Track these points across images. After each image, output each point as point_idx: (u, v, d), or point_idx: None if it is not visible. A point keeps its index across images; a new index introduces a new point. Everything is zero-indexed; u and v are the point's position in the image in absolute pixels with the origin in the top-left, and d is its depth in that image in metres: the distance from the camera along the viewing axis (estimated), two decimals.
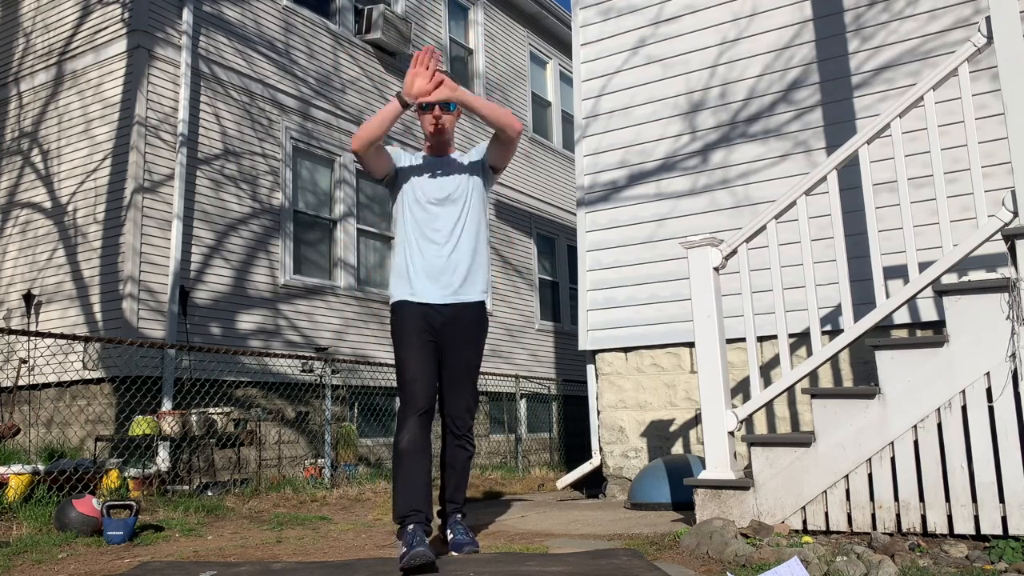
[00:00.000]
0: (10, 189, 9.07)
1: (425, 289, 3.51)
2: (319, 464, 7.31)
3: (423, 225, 3.54)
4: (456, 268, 3.53)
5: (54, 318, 8.26)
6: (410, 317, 3.50)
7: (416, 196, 3.57)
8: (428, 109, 3.54)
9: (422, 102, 3.51)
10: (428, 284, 3.51)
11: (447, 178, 3.60)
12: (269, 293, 8.88)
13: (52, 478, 5.16)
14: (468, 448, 3.65)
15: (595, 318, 6.38)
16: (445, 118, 3.56)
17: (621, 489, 6.14)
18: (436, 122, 3.55)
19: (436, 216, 3.54)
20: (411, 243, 3.55)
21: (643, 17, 6.48)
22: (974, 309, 3.37)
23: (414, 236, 3.54)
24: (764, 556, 3.08)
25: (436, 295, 3.51)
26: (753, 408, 3.91)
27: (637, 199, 6.33)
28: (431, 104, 3.52)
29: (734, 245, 3.99)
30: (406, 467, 3.32)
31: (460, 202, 3.58)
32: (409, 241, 3.56)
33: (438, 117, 3.54)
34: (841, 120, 5.60)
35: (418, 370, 3.43)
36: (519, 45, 13.80)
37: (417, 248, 3.53)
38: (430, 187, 3.57)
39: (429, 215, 3.54)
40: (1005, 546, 3.06)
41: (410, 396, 3.41)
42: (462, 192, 3.59)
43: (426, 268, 3.51)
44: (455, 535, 3.50)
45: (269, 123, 9.23)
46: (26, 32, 9.32)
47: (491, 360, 11.78)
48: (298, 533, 4.32)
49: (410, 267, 3.54)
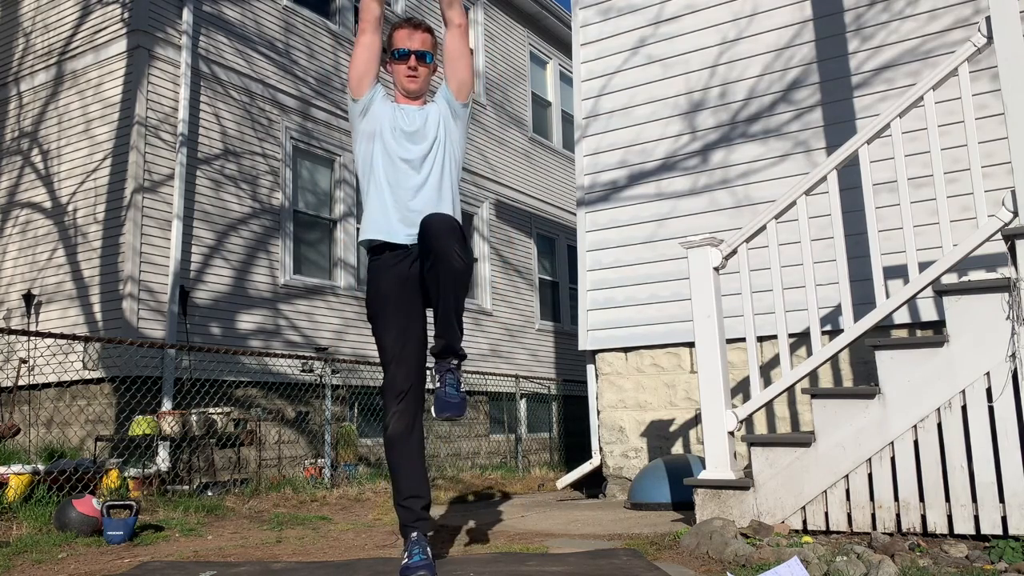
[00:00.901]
0: (10, 189, 9.07)
1: (395, 228, 3.23)
2: (319, 464, 7.31)
3: (394, 158, 3.29)
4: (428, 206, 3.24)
5: (54, 318, 8.26)
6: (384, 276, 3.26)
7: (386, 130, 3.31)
8: (403, 58, 3.30)
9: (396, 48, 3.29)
10: (399, 224, 3.23)
11: (418, 114, 3.34)
12: (269, 293, 8.88)
13: (52, 478, 5.16)
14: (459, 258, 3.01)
15: (595, 318, 6.38)
16: (421, 69, 3.31)
17: (621, 489, 6.14)
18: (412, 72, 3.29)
19: (407, 149, 3.28)
20: (380, 179, 3.29)
21: (643, 17, 6.48)
22: (974, 309, 3.37)
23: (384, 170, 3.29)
24: (764, 556, 3.08)
25: (407, 235, 3.23)
26: (753, 408, 3.91)
27: (637, 199, 6.32)
28: (407, 52, 3.29)
29: (734, 245, 3.99)
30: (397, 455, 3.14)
31: (431, 139, 3.31)
32: (379, 177, 3.30)
33: (414, 67, 3.30)
34: (841, 120, 5.60)
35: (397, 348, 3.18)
36: (519, 45, 13.80)
37: (386, 182, 3.27)
38: (401, 122, 3.31)
39: (399, 147, 3.29)
40: (1005, 546, 3.06)
41: (391, 377, 3.18)
42: (432, 128, 3.33)
43: (396, 203, 3.24)
44: (447, 386, 3.12)
45: (269, 123, 9.23)
46: (26, 32, 9.32)
47: (491, 360, 11.78)
48: (298, 533, 4.32)
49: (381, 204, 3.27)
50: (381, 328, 3.23)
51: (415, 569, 2.91)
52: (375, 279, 3.28)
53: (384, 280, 3.25)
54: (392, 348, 3.19)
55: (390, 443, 3.14)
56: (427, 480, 3.19)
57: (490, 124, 12.69)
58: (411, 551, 3.01)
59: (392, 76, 3.38)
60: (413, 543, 3.04)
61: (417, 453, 3.15)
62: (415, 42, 3.29)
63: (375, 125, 3.33)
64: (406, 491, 3.11)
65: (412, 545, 3.04)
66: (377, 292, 3.26)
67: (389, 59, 3.33)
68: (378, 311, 3.25)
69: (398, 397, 3.14)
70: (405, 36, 3.30)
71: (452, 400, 3.07)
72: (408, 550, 3.03)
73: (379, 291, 3.25)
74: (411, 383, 3.17)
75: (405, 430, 3.12)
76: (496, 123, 12.84)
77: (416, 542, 3.05)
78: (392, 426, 3.13)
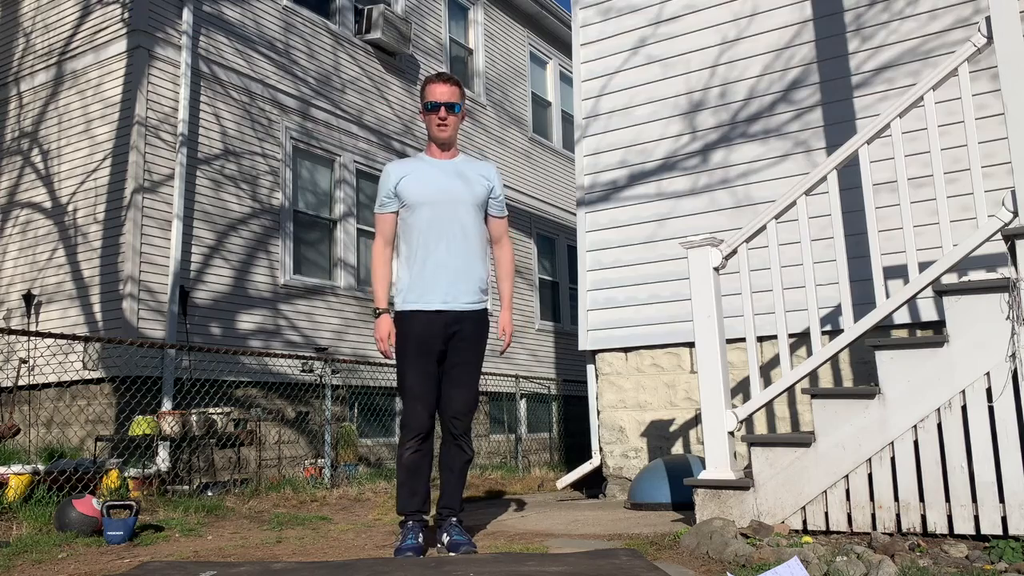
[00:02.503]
0: (10, 189, 9.07)
1: (429, 295, 3.53)
2: (319, 464, 7.31)
3: (425, 227, 3.54)
4: (458, 270, 3.55)
5: (54, 318, 8.26)
6: (414, 326, 3.53)
7: (419, 196, 3.56)
8: (434, 109, 3.57)
9: (428, 101, 3.57)
10: (433, 289, 3.53)
11: (452, 179, 3.60)
12: (269, 293, 8.88)
13: (52, 478, 5.16)
14: (466, 451, 3.65)
15: (595, 318, 6.38)
16: (450, 119, 3.58)
17: (621, 489, 6.14)
18: (441, 122, 3.58)
19: (439, 217, 3.54)
20: (415, 244, 3.56)
21: (643, 17, 6.48)
22: (974, 309, 3.37)
23: (417, 237, 3.56)
24: (764, 556, 3.08)
25: (439, 300, 3.53)
26: (753, 408, 3.91)
27: (637, 199, 6.32)
28: (437, 104, 3.56)
29: (734, 245, 3.99)
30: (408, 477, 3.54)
31: (464, 203, 3.58)
32: (413, 242, 3.57)
33: (444, 118, 3.57)
34: (841, 120, 5.60)
35: (419, 389, 3.51)
36: (519, 45, 13.80)
37: (421, 250, 3.54)
38: (433, 187, 3.56)
39: (432, 215, 3.54)
40: (1005, 546, 3.06)
41: (411, 418, 3.52)
42: (466, 194, 3.59)
43: (432, 269, 3.53)
44: (451, 536, 3.52)
45: (269, 123, 9.23)
46: (26, 32, 9.32)
47: (491, 360, 11.78)
48: (298, 533, 4.32)
49: (411, 270, 3.56)
50: (408, 365, 3.55)
51: (404, 550, 3.34)
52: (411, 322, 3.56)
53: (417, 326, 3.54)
54: (414, 386, 3.52)
55: (405, 468, 3.57)
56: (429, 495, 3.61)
57: (490, 124, 12.69)
58: (404, 535, 3.45)
59: (425, 125, 3.72)
60: (408, 529, 3.48)
61: (426, 475, 3.56)
62: (444, 95, 3.59)
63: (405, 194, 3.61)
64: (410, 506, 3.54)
65: (407, 531, 3.47)
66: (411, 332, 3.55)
67: (422, 111, 3.65)
68: (409, 348, 3.55)
69: (416, 437, 3.51)
70: (436, 90, 3.60)
71: (463, 543, 3.45)
72: (403, 534, 3.47)
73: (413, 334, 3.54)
74: (429, 427, 3.54)
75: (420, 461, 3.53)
76: (496, 123, 12.84)
77: (411, 528, 3.47)
78: (407, 458, 3.52)
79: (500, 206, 3.75)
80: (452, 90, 3.59)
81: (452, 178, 3.60)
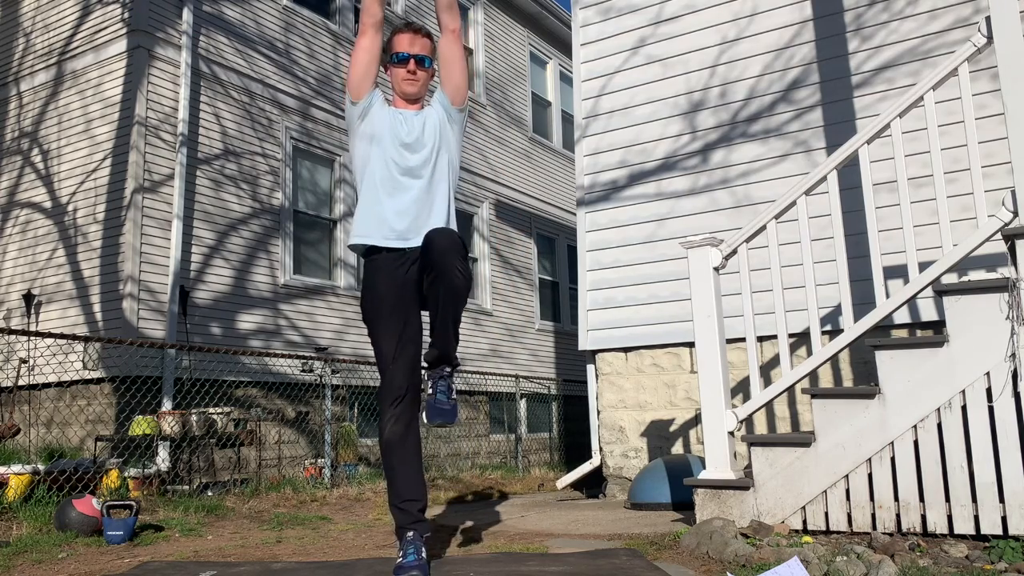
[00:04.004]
0: (10, 189, 9.07)
1: (390, 234, 3.23)
2: (319, 464, 7.31)
3: (391, 165, 3.27)
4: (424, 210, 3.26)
5: (54, 318, 8.26)
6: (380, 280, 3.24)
7: (386, 136, 3.29)
8: (402, 62, 3.31)
9: (396, 52, 3.30)
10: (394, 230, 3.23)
11: (415, 120, 3.33)
12: (269, 293, 8.88)
13: (52, 478, 5.16)
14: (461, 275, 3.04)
15: (595, 318, 6.38)
16: (420, 73, 3.32)
17: (621, 489, 6.14)
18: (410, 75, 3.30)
19: (405, 158, 3.28)
20: (377, 184, 3.28)
21: (643, 17, 6.48)
22: (974, 309, 3.37)
23: (381, 176, 3.28)
24: (764, 556, 3.08)
25: (404, 238, 3.23)
26: (753, 408, 3.91)
27: (637, 199, 6.32)
28: (406, 56, 3.29)
29: (734, 245, 3.99)
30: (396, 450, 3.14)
31: (429, 146, 3.31)
32: (375, 182, 3.28)
33: (413, 71, 3.31)
34: (841, 120, 5.60)
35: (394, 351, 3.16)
36: (519, 45, 13.80)
37: (384, 190, 3.26)
38: (400, 130, 3.30)
39: (399, 156, 3.27)
40: (1005, 546, 3.06)
41: (388, 380, 3.16)
42: (430, 136, 3.32)
43: (394, 211, 3.24)
44: (438, 393, 3.11)
45: (269, 123, 9.23)
46: (26, 32, 9.32)
47: (491, 360, 11.78)
48: (298, 533, 4.32)
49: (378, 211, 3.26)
50: (379, 331, 3.22)
51: (408, 569, 2.93)
52: (372, 281, 3.26)
53: (381, 283, 3.23)
54: (388, 352, 3.17)
55: (387, 447, 3.13)
56: (423, 482, 3.19)
57: (490, 124, 12.69)
58: (406, 550, 3.02)
59: (390, 79, 3.37)
60: (408, 543, 3.06)
61: (414, 456, 3.15)
62: (415, 46, 3.30)
63: (373, 129, 3.32)
64: (403, 494, 3.11)
65: (407, 545, 3.05)
66: (374, 294, 3.23)
67: (388, 62, 3.33)
68: (375, 315, 3.23)
69: (394, 401, 3.13)
70: (405, 40, 3.31)
71: (443, 407, 3.07)
72: (403, 549, 3.04)
73: (376, 293, 3.23)
74: (407, 387, 3.16)
75: (402, 434, 3.12)
76: (496, 123, 12.84)
77: (411, 542, 3.05)
78: (388, 430, 3.12)
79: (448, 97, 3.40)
80: (423, 42, 3.32)
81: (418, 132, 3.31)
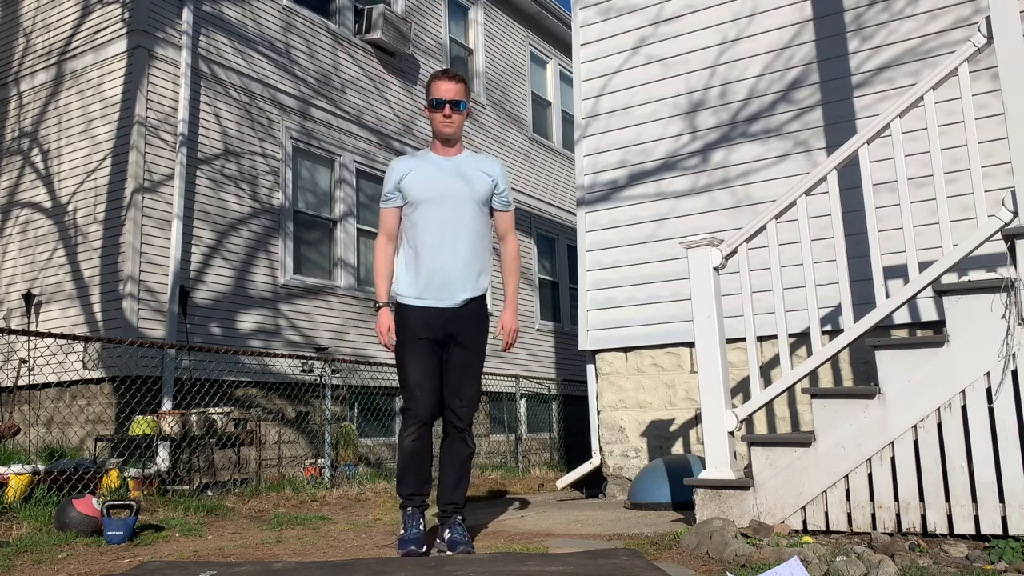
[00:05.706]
0: (10, 189, 9.07)
1: (428, 292, 3.56)
2: (319, 464, 7.31)
3: (426, 225, 3.56)
4: (458, 269, 3.57)
5: (54, 318, 8.26)
6: (414, 320, 3.56)
7: (420, 194, 3.58)
8: (439, 107, 3.58)
9: (434, 98, 3.58)
10: (431, 287, 3.56)
11: (454, 178, 3.61)
12: (269, 293, 8.88)
13: (52, 478, 5.16)
14: (469, 444, 3.66)
15: (595, 318, 6.38)
16: (455, 116, 3.59)
17: (621, 489, 6.14)
18: (446, 119, 3.60)
19: (440, 216, 3.56)
20: (415, 241, 3.59)
21: (643, 17, 6.48)
22: (974, 309, 3.37)
23: (418, 234, 3.58)
24: (764, 556, 3.08)
25: (435, 299, 3.56)
26: (753, 408, 3.91)
27: (637, 199, 6.32)
28: (442, 101, 3.57)
29: (734, 245, 3.99)
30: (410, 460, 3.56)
31: (466, 201, 3.59)
32: (413, 239, 3.60)
33: (448, 115, 3.58)
34: (841, 120, 5.60)
35: (420, 378, 3.53)
36: (519, 45, 13.80)
37: (421, 246, 3.57)
38: (435, 185, 3.59)
39: (433, 214, 3.56)
40: (1005, 546, 3.06)
41: (414, 406, 3.53)
42: (467, 192, 3.61)
43: (430, 268, 3.55)
44: (452, 534, 3.53)
45: (269, 123, 9.23)
46: (26, 32, 9.32)
47: (491, 360, 11.77)
48: (298, 533, 4.32)
49: (412, 267, 3.59)
50: (408, 357, 3.57)
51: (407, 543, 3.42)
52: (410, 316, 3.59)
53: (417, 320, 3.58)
54: (415, 377, 3.55)
55: (407, 453, 3.54)
56: (430, 479, 3.64)
57: (490, 124, 12.69)
58: (407, 524, 3.51)
59: (430, 122, 3.70)
60: (409, 516, 3.53)
61: (427, 460, 3.60)
62: (450, 92, 3.60)
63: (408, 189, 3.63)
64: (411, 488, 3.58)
65: (408, 519, 3.52)
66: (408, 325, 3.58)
67: (427, 107, 3.67)
68: (408, 341, 3.57)
69: (418, 424, 3.53)
70: (441, 87, 3.61)
71: (461, 542, 3.48)
72: (404, 523, 3.52)
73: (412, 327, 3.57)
74: (430, 416, 3.56)
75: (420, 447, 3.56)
76: (496, 123, 12.84)
77: (411, 515, 3.52)
78: (409, 444, 3.55)
79: (505, 201, 3.75)
80: (457, 87, 3.60)
81: (454, 177, 3.61)
